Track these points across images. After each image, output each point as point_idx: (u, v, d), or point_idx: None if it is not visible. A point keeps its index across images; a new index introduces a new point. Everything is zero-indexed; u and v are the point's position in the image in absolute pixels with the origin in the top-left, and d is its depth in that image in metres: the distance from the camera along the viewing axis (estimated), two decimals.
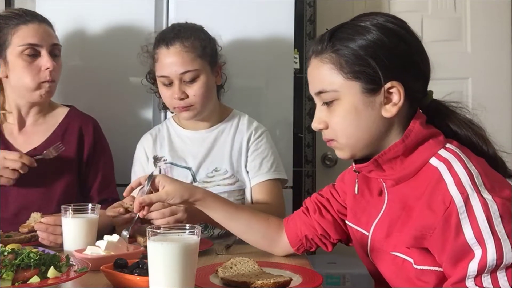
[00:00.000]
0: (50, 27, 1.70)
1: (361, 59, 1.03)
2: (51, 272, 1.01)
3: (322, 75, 1.07)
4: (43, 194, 1.67)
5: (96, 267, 1.11)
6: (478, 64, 2.56)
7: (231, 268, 1.15)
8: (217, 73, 1.73)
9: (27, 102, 1.71)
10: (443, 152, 1.03)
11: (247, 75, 2.05)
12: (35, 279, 0.99)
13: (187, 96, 1.64)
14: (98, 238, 1.29)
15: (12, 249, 1.04)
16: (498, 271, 0.89)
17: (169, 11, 2.05)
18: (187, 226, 1.02)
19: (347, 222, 1.24)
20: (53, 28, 1.71)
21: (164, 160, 1.74)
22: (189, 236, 0.99)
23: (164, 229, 1.00)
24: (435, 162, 1.02)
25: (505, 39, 2.54)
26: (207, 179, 1.69)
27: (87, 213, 1.34)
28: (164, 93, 1.68)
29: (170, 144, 1.77)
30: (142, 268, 1.06)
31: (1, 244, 1.06)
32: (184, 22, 1.72)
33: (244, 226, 1.37)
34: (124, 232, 1.36)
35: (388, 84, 1.03)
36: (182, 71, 1.62)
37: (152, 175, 1.34)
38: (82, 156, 1.75)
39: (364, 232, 1.16)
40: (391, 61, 1.02)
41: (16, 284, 0.97)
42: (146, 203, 1.30)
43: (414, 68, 1.06)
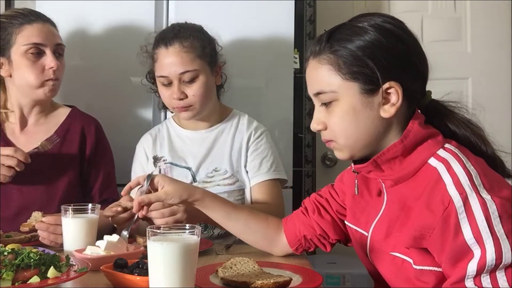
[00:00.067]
0: (54, 27, 1.71)
1: (359, 60, 1.03)
2: (51, 272, 1.01)
3: (320, 76, 1.07)
4: (45, 194, 1.67)
5: (96, 267, 1.11)
6: (478, 64, 2.56)
7: (231, 268, 1.15)
8: (216, 73, 1.73)
9: (30, 101, 1.71)
10: (442, 152, 1.02)
11: (247, 75, 2.05)
12: (35, 279, 0.99)
13: (186, 96, 1.64)
14: (98, 238, 1.29)
15: (12, 249, 1.04)
16: (497, 271, 0.89)
17: (169, 11, 2.05)
18: (187, 226, 1.02)
19: (346, 222, 1.24)
20: (56, 28, 1.72)
21: (164, 160, 1.74)
22: (189, 236, 0.99)
23: (164, 229, 1.00)
24: (434, 162, 1.02)
25: (505, 39, 2.54)
26: (207, 179, 1.69)
27: (87, 213, 1.35)
28: (164, 93, 1.68)
29: (170, 144, 1.77)
30: (142, 268, 1.06)
31: (1, 244, 1.06)
32: (184, 22, 1.72)
33: (243, 226, 1.37)
34: (124, 232, 1.36)
35: (386, 85, 1.03)
36: (181, 71, 1.62)
37: (151, 174, 1.34)
38: (84, 156, 1.75)
39: (363, 233, 1.16)
40: (389, 61, 1.02)
41: (16, 284, 0.97)
42: (145, 203, 1.30)
43: (412, 69, 1.06)
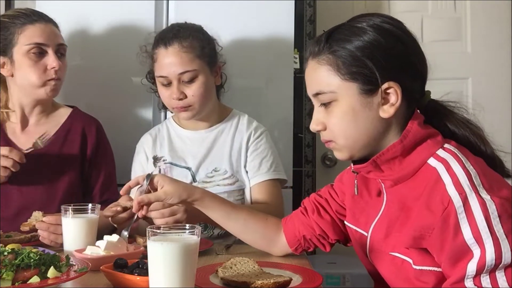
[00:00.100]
0: (56, 27, 1.71)
1: (358, 60, 1.03)
2: (51, 272, 1.01)
3: (319, 77, 1.07)
4: (45, 194, 1.67)
5: (96, 267, 1.11)
6: (478, 64, 2.56)
7: (231, 268, 1.15)
8: (216, 73, 1.72)
9: (31, 100, 1.71)
10: (441, 152, 1.02)
11: (247, 75, 2.05)
12: (35, 279, 0.99)
13: (186, 96, 1.64)
14: (98, 239, 1.29)
15: (12, 249, 1.04)
16: (497, 271, 0.89)
17: (169, 11, 2.05)
18: (187, 226, 1.02)
19: (346, 223, 1.24)
20: (59, 28, 1.72)
21: (164, 160, 1.74)
22: (189, 236, 0.99)
23: (164, 229, 1.00)
24: (433, 162, 1.02)
25: (505, 39, 2.54)
26: (207, 179, 1.69)
27: (87, 213, 1.35)
28: (163, 93, 1.68)
29: (170, 144, 1.77)
30: (142, 268, 1.06)
31: (1, 244, 1.06)
32: (184, 22, 1.72)
33: (242, 226, 1.37)
34: (124, 232, 1.36)
35: (385, 85, 1.03)
36: (180, 71, 1.62)
37: (150, 174, 1.34)
38: (84, 157, 1.75)
39: (363, 233, 1.16)
40: (388, 61, 1.02)
41: (16, 284, 0.97)
42: (145, 203, 1.30)
43: (411, 69, 1.06)
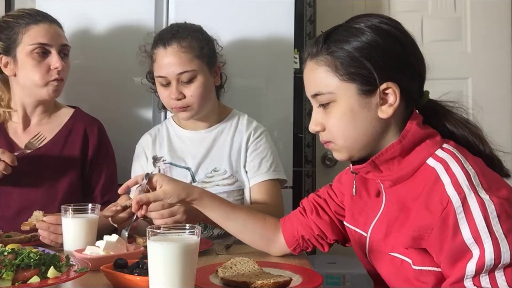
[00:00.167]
0: (60, 28, 1.72)
1: (356, 61, 1.03)
2: (51, 272, 1.01)
3: (317, 78, 1.07)
4: (45, 194, 1.67)
5: (96, 267, 1.11)
6: (478, 64, 2.56)
7: (231, 268, 1.15)
8: (215, 73, 1.72)
9: (33, 101, 1.71)
10: (440, 153, 1.03)
11: (247, 75, 2.05)
12: (35, 279, 0.99)
13: (184, 97, 1.64)
14: (98, 239, 1.29)
15: (12, 249, 1.04)
16: (496, 270, 0.89)
17: (169, 11, 2.05)
18: (187, 226, 1.02)
19: (345, 223, 1.24)
20: (62, 29, 1.73)
21: (164, 160, 1.74)
22: (189, 236, 0.99)
23: (164, 229, 1.00)
24: (432, 162, 1.02)
25: (505, 39, 2.54)
26: (206, 179, 1.69)
27: (87, 213, 1.35)
28: (162, 93, 1.68)
29: (170, 144, 1.77)
30: (142, 268, 1.06)
31: (1, 244, 1.06)
32: (183, 22, 1.72)
33: (241, 225, 1.36)
34: (124, 232, 1.36)
35: (383, 85, 1.03)
36: (179, 72, 1.62)
37: (149, 173, 1.34)
38: (86, 158, 1.75)
39: (362, 233, 1.16)
40: (386, 62, 1.03)
41: (16, 284, 0.98)
42: (144, 202, 1.30)
43: (409, 69, 1.06)
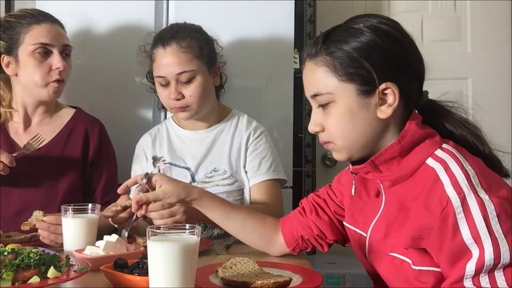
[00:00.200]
0: (62, 28, 1.72)
1: (355, 61, 1.03)
2: (51, 272, 1.01)
3: (316, 78, 1.07)
4: (46, 194, 1.67)
5: (96, 267, 1.11)
6: (478, 64, 2.56)
7: (231, 268, 1.15)
8: (215, 73, 1.72)
9: (34, 101, 1.71)
10: (439, 153, 1.03)
11: (247, 75, 2.05)
12: (35, 279, 0.99)
13: (183, 97, 1.64)
14: (98, 239, 1.29)
15: (12, 249, 1.04)
16: (496, 270, 0.89)
17: (169, 11, 2.06)
18: (187, 226, 1.02)
19: (345, 223, 1.24)
20: (64, 29, 1.73)
21: (163, 161, 1.73)
22: (189, 236, 0.99)
23: (164, 229, 1.00)
24: (431, 162, 1.02)
25: (505, 39, 2.54)
26: (206, 179, 1.69)
27: (87, 213, 1.35)
28: (161, 93, 1.68)
29: (169, 144, 1.77)
30: (142, 268, 1.06)
31: (1, 244, 1.06)
32: (183, 22, 1.72)
33: (240, 225, 1.36)
34: (124, 232, 1.36)
35: (382, 86, 1.03)
36: (178, 72, 1.62)
37: (148, 173, 1.34)
38: (87, 158, 1.75)
39: (362, 233, 1.16)
40: (385, 62, 1.03)
41: (16, 284, 0.98)
42: (143, 202, 1.30)
43: (408, 69, 1.06)
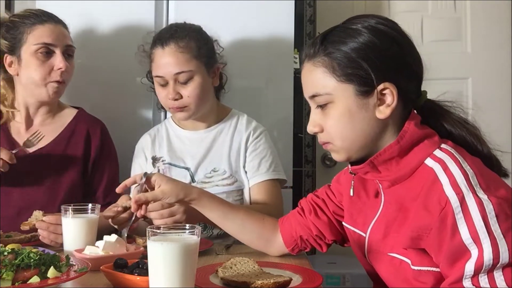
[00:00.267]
0: (65, 29, 1.72)
1: (353, 62, 1.03)
2: (51, 272, 1.01)
3: (315, 79, 1.07)
4: (47, 194, 1.67)
5: (96, 267, 1.11)
6: (478, 64, 2.56)
7: (231, 268, 1.15)
8: (214, 74, 1.72)
9: (35, 101, 1.72)
10: (438, 153, 1.03)
11: (247, 75, 2.05)
12: (35, 279, 0.99)
13: (181, 97, 1.64)
14: (98, 239, 1.29)
15: (12, 249, 1.04)
16: (495, 270, 0.89)
17: (169, 11, 2.06)
18: (187, 226, 1.02)
19: (344, 223, 1.24)
20: (68, 30, 1.73)
21: (163, 161, 1.73)
22: (189, 236, 0.99)
23: (164, 229, 1.00)
24: (430, 162, 1.02)
25: (505, 39, 2.54)
26: (206, 180, 1.69)
27: (87, 213, 1.35)
28: (160, 93, 1.68)
29: (169, 145, 1.76)
30: (142, 268, 1.06)
31: (1, 244, 1.07)
32: (183, 22, 1.72)
33: (239, 226, 1.36)
34: (124, 232, 1.36)
35: (381, 86, 1.03)
36: (176, 72, 1.62)
37: (147, 173, 1.34)
38: (88, 159, 1.75)
39: (361, 234, 1.16)
40: (383, 62, 1.03)
41: (16, 284, 0.98)
42: (142, 202, 1.30)
43: (406, 69, 1.06)
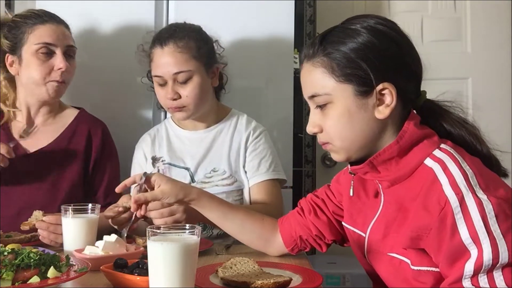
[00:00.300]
0: (67, 29, 1.72)
1: (352, 62, 1.03)
2: (51, 272, 1.01)
3: (314, 79, 1.07)
4: (47, 194, 1.67)
5: (96, 267, 1.11)
6: (478, 64, 2.56)
7: (231, 268, 1.15)
8: (213, 74, 1.71)
9: (36, 101, 1.72)
10: (437, 153, 1.03)
11: (247, 75, 2.05)
12: (35, 279, 0.99)
13: (180, 97, 1.64)
14: (98, 239, 1.29)
15: (12, 249, 1.04)
16: (494, 270, 0.89)
17: (169, 11, 2.06)
18: (187, 226, 1.02)
19: (343, 223, 1.24)
20: (69, 30, 1.73)
21: (163, 161, 1.73)
22: (189, 236, 0.99)
23: (164, 229, 1.00)
24: (429, 162, 1.02)
25: (505, 39, 2.54)
26: (205, 180, 1.69)
27: (87, 213, 1.35)
28: (159, 92, 1.68)
29: (169, 145, 1.76)
30: (142, 268, 1.06)
31: (1, 244, 1.07)
32: (183, 22, 1.72)
33: (239, 226, 1.36)
34: (123, 232, 1.36)
35: (380, 86, 1.03)
36: (175, 72, 1.62)
37: (146, 173, 1.34)
38: (89, 159, 1.75)
39: (360, 234, 1.16)
40: (382, 63, 1.03)
41: (16, 284, 0.98)
42: (142, 201, 1.30)
43: (405, 69, 1.06)
